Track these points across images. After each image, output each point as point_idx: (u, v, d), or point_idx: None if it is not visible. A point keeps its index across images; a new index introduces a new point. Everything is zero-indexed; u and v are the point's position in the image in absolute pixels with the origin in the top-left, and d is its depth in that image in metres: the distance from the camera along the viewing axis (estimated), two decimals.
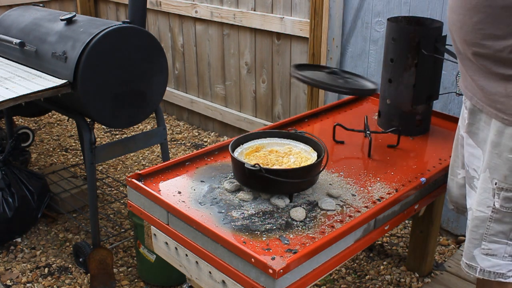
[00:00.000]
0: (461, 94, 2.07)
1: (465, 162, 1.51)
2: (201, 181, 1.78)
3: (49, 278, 2.58)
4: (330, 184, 1.78)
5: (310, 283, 1.43)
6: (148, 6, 3.97)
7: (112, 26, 2.32)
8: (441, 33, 2.12)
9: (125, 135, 4.18)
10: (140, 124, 4.32)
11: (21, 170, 2.90)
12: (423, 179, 1.80)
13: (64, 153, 3.87)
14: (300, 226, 1.53)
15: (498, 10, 1.27)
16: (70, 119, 3.92)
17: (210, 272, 1.51)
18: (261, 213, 1.59)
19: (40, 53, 2.46)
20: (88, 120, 2.45)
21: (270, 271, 1.30)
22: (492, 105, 1.35)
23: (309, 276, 1.42)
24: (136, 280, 2.56)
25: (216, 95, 4.08)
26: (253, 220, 1.55)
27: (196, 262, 1.55)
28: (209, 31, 3.92)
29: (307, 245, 1.43)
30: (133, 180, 1.74)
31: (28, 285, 2.54)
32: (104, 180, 3.42)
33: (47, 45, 2.43)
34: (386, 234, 2.87)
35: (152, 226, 1.72)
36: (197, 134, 4.24)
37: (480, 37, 1.33)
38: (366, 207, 1.65)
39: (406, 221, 2.97)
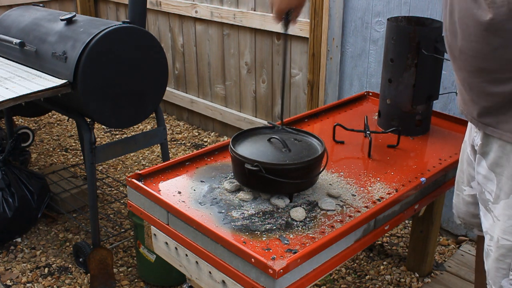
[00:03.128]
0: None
1: (479, 182, 1.48)
2: (201, 181, 1.78)
3: (49, 278, 2.58)
4: (330, 184, 1.78)
5: (310, 283, 1.43)
6: (148, 6, 3.97)
7: (112, 26, 2.32)
8: (441, 33, 2.12)
9: (125, 135, 4.19)
10: (140, 124, 4.32)
11: (21, 170, 2.90)
12: (423, 179, 1.80)
13: (64, 153, 3.87)
14: (300, 226, 1.53)
15: None
16: (70, 119, 3.92)
17: (210, 272, 1.51)
18: (261, 213, 1.59)
19: (40, 53, 2.46)
20: (88, 120, 2.45)
21: (270, 271, 1.30)
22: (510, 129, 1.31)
23: (309, 276, 1.42)
24: (136, 280, 2.56)
25: (216, 95, 4.08)
26: (253, 220, 1.55)
27: (196, 262, 1.55)
28: (209, 31, 3.92)
29: (307, 245, 1.43)
30: (133, 180, 1.74)
31: (28, 285, 2.54)
32: (104, 180, 3.42)
33: (47, 45, 2.43)
34: (386, 234, 2.87)
35: (152, 226, 1.72)
36: (197, 134, 4.24)
37: (503, 62, 1.26)
38: (366, 207, 1.65)
39: (406, 221, 2.97)
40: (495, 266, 1.43)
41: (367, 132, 2.14)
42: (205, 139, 4.13)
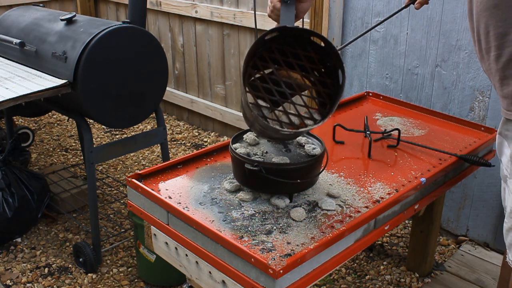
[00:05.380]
0: None
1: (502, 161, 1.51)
2: (201, 181, 1.78)
3: (49, 278, 2.58)
4: (330, 184, 1.78)
5: (310, 283, 1.43)
6: (148, 6, 3.97)
7: (112, 26, 2.32)
8: None
9: (125, 135, 4.18)
10: (140, 124, 4.32)
11: (21, 170, 2.90)
12: (423, 179, 1.80)
13: (64, 153, 3.87)
14: (300, 226, 1.53)
15: (492, 10, 1.29)
16: (70, 119, 3.92)
17: (210, 272, 1.51)
18: (261, 213, 1.59)
19: (40, 53, 2.46)
20: (88, 120, 2.45)
21: (270, 271, 1.30)
22: None
23: (309, 276, 1.42)
24: (136, 280, 2.56)
25: (216, 95, 4.08)
26: (253, 220, 1.55)
27: (196, 262, 1.55)
28: (209, 31, 3.92)
29: (307, 245, 1.43)
30: (133, 180, 1.74)
31: (28, 285, 2.54)
32: (104, 180, 3.42)
33: (47, 45, 2.44)
34: (386, 234, 2.87)
35: (152, 226, 1.72)
36: (197, 134, 4.24)
37: (483, 39, 1.34)
38: (366, 207, 1.65)
39: (406, 221, 2.97)
40: (511, 236, 1.46)
41: (367, 132, 2.14)
42: (205, 139, 4.13)
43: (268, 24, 3.41)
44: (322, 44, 1.47)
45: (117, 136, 4.17)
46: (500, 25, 1.30)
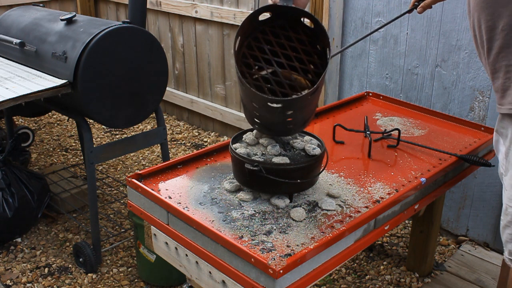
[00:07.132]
0: None
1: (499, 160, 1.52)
2: (201, 181, 1.78)
3: (49, 278, 2.58)
4: (330, 184, 1.78)
5: (310, 283, 1.43)
6: (148, 6, 3.97)
7: (112, 26, 2.32)
8: None
9: (125, 135, 4.18)
10: (140, 124, 4.32)
11: (21, 170, 2.90)
12: (423, 179, 1.80)
13: (64, 153, 3.87)
14: (300, 226, 1.53)
15: (482, 4, 1.34)
16: (70, 119, 3.92)
17: (210, 272, 1.51)
18: (261, 213, 1.59)
19: (40, 53, 2.46)
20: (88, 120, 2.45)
21: (270, 271, 1.30)
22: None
23: (309, 276, 1.42)
24: (136, 280, 2.56)
25: (216, 95, 4.08)
26: (253, 220, 1.55)
27: (196, 262, 1.55)
28: (209, 31, 3.92)
29: (307, 245, 1.43)
30: (133, 180, 1.74)
31: (28, 285, 2.54)
32: (104, 180, 3.42)
33: (47, 45, 2.44)
34: (386, 234, 2.87)
35: (152, 226, 1.72)
36: (197, 134, 4.24)
37: (483, 32, 1.38)
38: (366, 207, 1.65)
39: (406, 221, 2.97)
40: (506, 233, 1.49)
41: (367, 132, 2.14)
42: (205, 139, 4.13)
43: None
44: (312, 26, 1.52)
45: (117, 136, 4.17)
46: (489, 18, 1.32)
